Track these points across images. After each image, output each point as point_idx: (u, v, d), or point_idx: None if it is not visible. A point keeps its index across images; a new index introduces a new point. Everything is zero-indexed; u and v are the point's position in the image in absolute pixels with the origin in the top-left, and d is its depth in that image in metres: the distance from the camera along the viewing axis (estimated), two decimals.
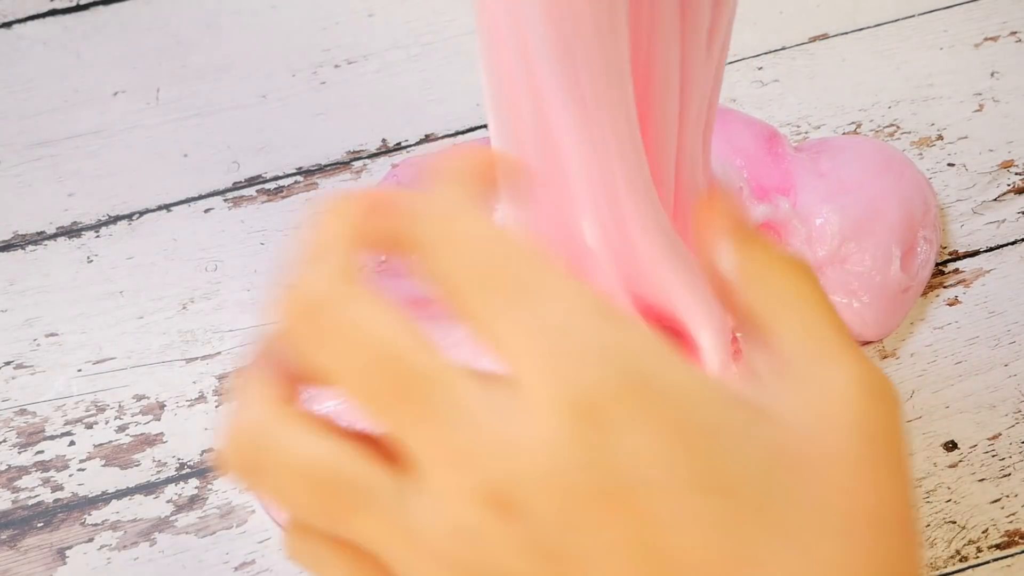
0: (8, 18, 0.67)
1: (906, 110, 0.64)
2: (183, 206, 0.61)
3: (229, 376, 0.57)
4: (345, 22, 0.67)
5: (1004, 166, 0.62)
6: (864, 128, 0.63)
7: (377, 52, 0.66)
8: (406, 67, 0.65)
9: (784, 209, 0.56)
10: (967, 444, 0.55)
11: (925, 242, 0.58)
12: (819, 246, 0.56)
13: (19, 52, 0.66)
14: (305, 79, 0.65)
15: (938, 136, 0.63)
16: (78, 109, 0.64)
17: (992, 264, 0.60)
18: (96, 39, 0.66)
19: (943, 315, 0.58)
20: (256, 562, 0.53)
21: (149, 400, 0.57)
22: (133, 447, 0.56)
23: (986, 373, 0.57)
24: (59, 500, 0.55)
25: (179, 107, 0.64)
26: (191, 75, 0.65)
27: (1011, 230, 0.60)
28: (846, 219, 0.57)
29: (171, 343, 0.58)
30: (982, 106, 0.64)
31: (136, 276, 0.60)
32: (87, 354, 0.58)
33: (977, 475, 0.54)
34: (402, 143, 0.63)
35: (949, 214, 0.61)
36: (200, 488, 0.55)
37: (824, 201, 0.57)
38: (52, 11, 0.67)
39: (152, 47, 0.66)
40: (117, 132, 0.63)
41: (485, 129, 0.63)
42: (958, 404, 0.56)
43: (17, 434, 0.56)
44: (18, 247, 0.60)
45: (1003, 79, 0.64)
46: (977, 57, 0.65)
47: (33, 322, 0.58)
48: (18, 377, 0.57)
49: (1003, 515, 0.54)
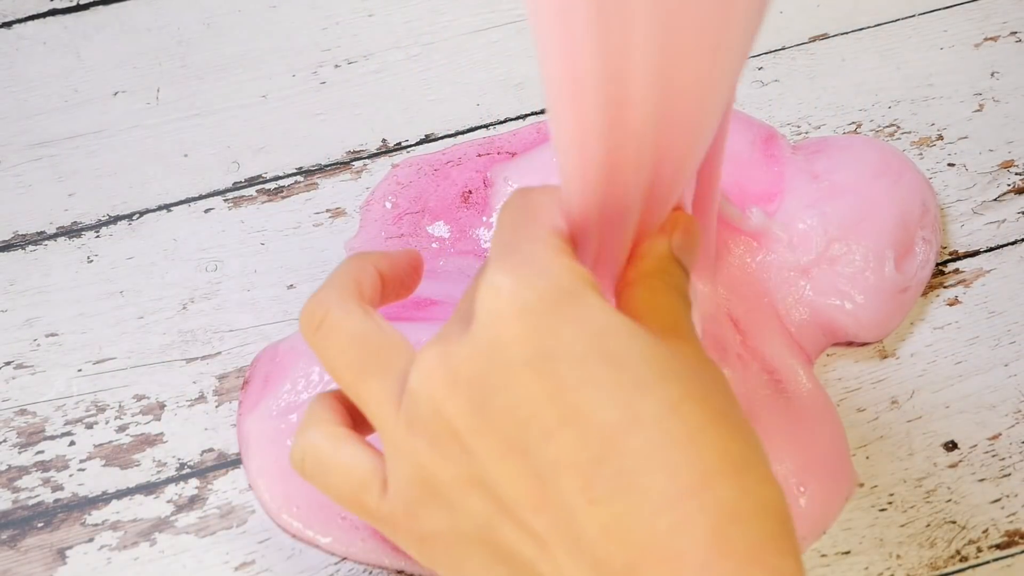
0: (8, 18, 0.67)
1: (906, 110, 0.64)
2: (183, 206, 0.61)
3: (229, 376, 0.57)
4: (345, 22, 0.67)
5: (1004, 166, 0.62)
6: (864, 128, 0.63)
7: (377, 52, 0.66)
8: (406, 67, 0.65)
9: (758, 220, 0.56)
10: (967, 444, 0.55)
11: (924, 242, 0.58)
12: (803, 251, 0.56)
13: (19, 52, 0.66)
14: (305, 79, 0.65)
15: (938, 136, 0.63)
16: (78, 109, 0.64)
17: (992, 264, 0.60)
18: (96, 39, 0.66)
19: (943, 315, 0.58)
20: (256, 562, 0.53)
21: (149, 400, 0.57)
22: (133, 447, 0.56)
23: (986, 373, 0.57)
24: (59, 500, 0.55)
25: (179, 107, 0.64)
26: (191, 75, 0.65)
27: (1011, 230, 0.60)
28: (832, 222, 0.57)
29: (171, 343, 0.58)
30: (982, 106, 0.64)
31: (136, 276, 0.60)
32: (87, 354, 0.58)
33: (977, 475, 0.54)
34: (402, 143, 0.63)
35: (949, 214, 0.61)
36: (200, 488, 0.55)
37: (810, 206, 0.57)
38: (52, 11, 0.67)
39: (152, 47, 0.66)
40: (117, 132, 0.63)
41: (485, 129, 0.63)
42: (958, 404, 0.56)
43: (17, 434, 0.56)
44: (18, 247, 0.60)
45: (1003, 79, 0.64)
46: (977, 57, 0.65)
47: (33, 322, 0.58)
48: (18, 377, 0.57)
49: (1003, 515, 0.54)
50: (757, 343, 0.55)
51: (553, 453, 0.37)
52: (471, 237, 0.59)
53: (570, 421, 0.37)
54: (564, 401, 0.37)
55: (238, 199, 0.61)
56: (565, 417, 0.37)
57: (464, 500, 0.39)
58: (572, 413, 0.37)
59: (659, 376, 0.37)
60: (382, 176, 0.62)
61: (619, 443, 0.36)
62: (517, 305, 0.38)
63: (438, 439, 0.39)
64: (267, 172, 0.62)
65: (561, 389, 0.37)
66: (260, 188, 0.62)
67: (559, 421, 0.37)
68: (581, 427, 0.36)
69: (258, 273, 0.60)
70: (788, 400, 0.55)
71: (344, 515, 0.53)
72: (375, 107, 0.64)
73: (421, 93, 0.65)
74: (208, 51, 0.66)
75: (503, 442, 0.37)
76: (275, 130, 0.63)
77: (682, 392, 0.37)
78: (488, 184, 0.61)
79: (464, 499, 0.39)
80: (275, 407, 0.54)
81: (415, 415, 0.39)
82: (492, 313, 0.38)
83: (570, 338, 0.37)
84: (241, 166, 0.62)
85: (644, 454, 0.36)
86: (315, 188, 0.62)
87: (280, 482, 0.53)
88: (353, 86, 0.65)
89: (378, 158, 0.63)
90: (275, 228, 0.61)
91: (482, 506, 0.38)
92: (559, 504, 0.37)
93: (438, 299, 0.56)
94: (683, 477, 0.36)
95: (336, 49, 0.66)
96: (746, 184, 0.58)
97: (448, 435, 0.39)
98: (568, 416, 0.37)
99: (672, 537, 0.35)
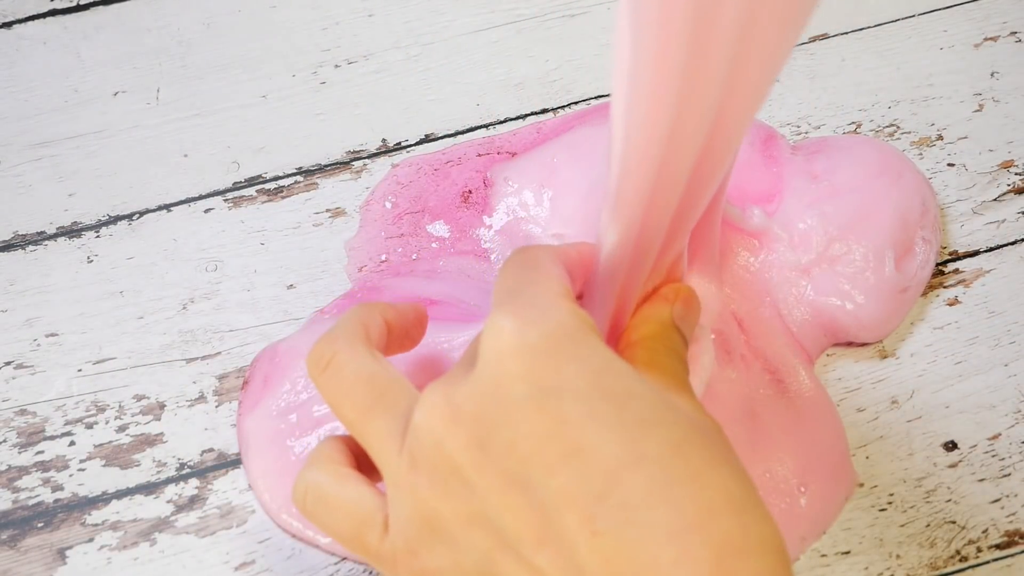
0: (8, 18, 0.67)
1: (906, 110, 0.64)
2: (183, 206, 0.61)
3: (229, 376, 0.57)
4: (345, 22, 0.67)
5: (1004, 166, 0.62)
6: (864, 128, 0.63)
7: (377, 52, 0.66)
8: (406, 67, 0.65)
9: (759, 220, 0.56)
10: (967, 444, 0.55)
11: (924, 242, 0.58)
12: (802, 251, 0.56)
13: (19, 52, 0.66)
14: (305, 79, 0.65)
15: (938, 136, 0.63)
16: (78, 109, 0.64)
17: (992, 264, 0.60)
18: (96, 39, 0.66)
19: (943, 315, 0.58)
20: (256, 562, 0.53)
21: (149, 400, 0.57)
22: (133, 447, 0.56)
23: (986, 373, 0.57)
24: (59, 500, 0.55)
25: (179, 107, 0.64)
26: (191, 75, 0.65)
27: (1011, 230, 0.60)
28: (832, 222, 0.57)
29: (171, 343, 0.58)
30: (982, 106, 0.64)
31: (136, 276, 0.60)
32: (87, 354, 0.58)
33: (977, 475, 0.54)
34: (402, 143, 0.63)
35: (949, 214, 0.61)
36: (200, 488, 0.55)
37: (810, 206, 0.57)
38: (52, 11, 0.67)
39: (152, 47, 0.66)
40: (117, 132, 0.63)
41: (485, 129, 0.63)
42: (958, 404, 0.56)
43: (17, 434, 0.56)
44: (18, 247, 0.60)
45: (1003, 79, 0.64)
46: (977, 57, 0.65)
47: (33, 322, 0.58)
48: (18, 377, 0.57)
49: (1003, 515, 0.54)
50: (760, 342, 0.55)
51: (555, 487, 0.37)
52: (471, 237, 0.59)
53: (572, 456, 0.37)
54: (566, 436, 0.37)
55: (238, 199, 0.61)
56: (567, 452, 0.37)
57: (466, 536, 0.39)
58: (574, 448, 0.37)
59: (661, 417, 0.38)
60: (382, 176, 0.62)
61: (622, 478, 0.36)
62: (520, 343, 0.38)
63: (440, 474, 0.39)
64: (267, 172, 0.62)
65: (563, 425, 0.37)
66: (260, 188, 0.62)
67: (561, 456, 0.37)
68: (583, 462, 0.37)
69: (258, 273, 0.60)
70: (789, 400, 0.55)
71: None
72: (375, 107, 0.64)
73: (421, 93, 0.65)
74: (208, 51, 0.66)
75: (505, 477, 0.38)
76: (275, 130, 0.63)
77: (683, 434, 0.38)
78: (488, 184, 0.61)
79: (466, 535, 0.39)
80: (275, 407, 0.54)
81: (417, 451, 0.40)
82: (495, 352, 0.38)
83: (572, 375, 0.38)
84: (241, 166, 0.62)
85: (647, 489, 0.36)
86: (315, 188, 0.62)
87: (280, 482, 0.53)
88: (353, 86, 0.65)
89: (378, 158, 0.63)
90: (275, 228, 0.61)
91: (483, 542, 0.38)
92: (561, 538, 0.37)
93: (438, 299, 0.57)
94: (686, 512, 0.36)
95: (336, 49, 0.66)
96: (746, 184, 0.58)
97: (450, 470, 0.39)
98: (570, 451, 0.37)
99: (675, 569, 0.35)
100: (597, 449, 0.37)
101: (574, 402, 0.37)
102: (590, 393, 0.38)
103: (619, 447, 0.37)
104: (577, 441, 0.37)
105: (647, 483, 0.36)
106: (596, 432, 0.37)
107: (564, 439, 0.37)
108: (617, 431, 0.37)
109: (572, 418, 0.37)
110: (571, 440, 0.37)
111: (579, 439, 0.37)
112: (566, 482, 0.37)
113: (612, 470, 0.36)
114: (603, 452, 0.37)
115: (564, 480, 0.37)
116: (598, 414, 0.37)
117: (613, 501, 0.36)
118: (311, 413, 0.54)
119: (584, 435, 0.37)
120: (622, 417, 0.37)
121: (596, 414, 0.37)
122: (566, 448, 0.37)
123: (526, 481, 0.37)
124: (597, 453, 0.37)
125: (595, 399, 0.38)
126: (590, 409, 0.37)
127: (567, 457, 0.37)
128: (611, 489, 0.36)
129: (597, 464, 0.36)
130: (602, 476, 0.36)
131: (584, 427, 0.37)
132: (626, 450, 0.37)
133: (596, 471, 0.36)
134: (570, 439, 0.37)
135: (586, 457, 0.37)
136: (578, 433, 0.37)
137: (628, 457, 0.37)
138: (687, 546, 0.36)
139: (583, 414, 0.37)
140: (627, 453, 0.37)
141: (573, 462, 0.37)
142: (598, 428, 0.37)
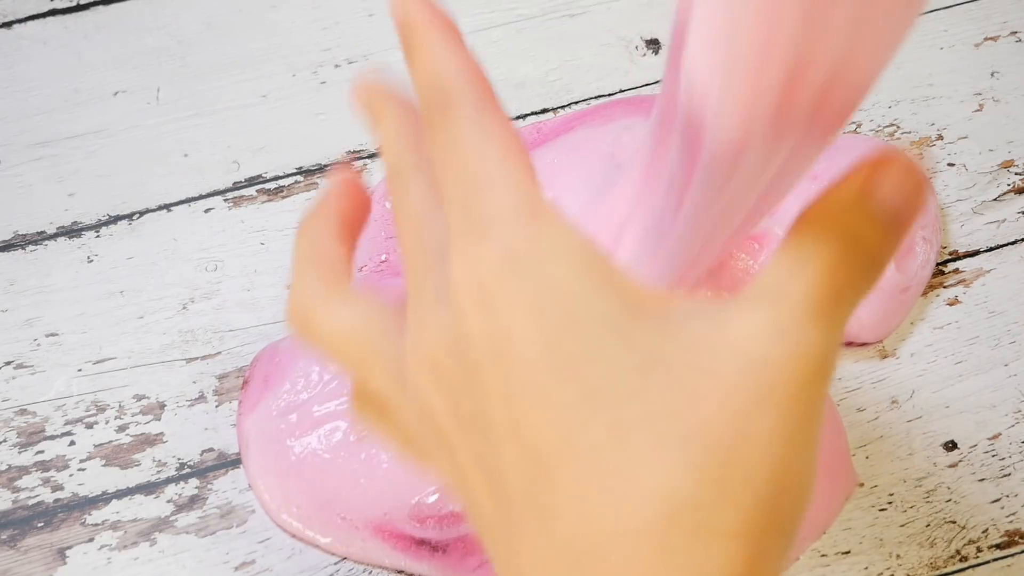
0: (8, 18, 0.67)
1: (906, 110, 0.64)
2: (183, 206, 0.61)
3: (229, 376, 0.57)
4: (345, 22, 0.67)
5: (1004, 166, 0.62)
6: (864, 128, 0.63)
7: (377, 52, 0.66)
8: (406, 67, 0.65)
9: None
10: (967, 444, 0.55)
11: (924, 242, 0.58)
12: None
13: (19, 52, 0.66)
14: (305, 79, 0.65)
15: (938, 136, 0.63)
16: (78, 109, 0.64)
17: (992, 264, 0.60)
18: (96, 39, 0.66)
19: (943, 315, 0.58)
20: (256, 562, 0.53)
21: (149, 400, 0.57)
22: (133, 447, 0.56)
23: (986, 373, 0.57)
24: (59, 500, 0.55)
25: (179, 107, 0.64)
26: (191, 75, 0.65)
27: (1011, 230, 0.60)
28: None
29: (171, 343, 0.58)
30: (982, 106, 0.64)
31: (136, 276, 0.60)
32: (87, 354, 0.58)
33: (977, 475, 0.54)
34: None
35: (949, 214, 0.61)
36: (200, 488, 0.55)
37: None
38: (52, 11, 0.67)
39: (152, 47, 0.66)
40: (117, 132, 0.63)
41: None
42: (958, 404, 0.56)
43: (17, 434, 0.56)
44: (18, 247, 0.60)
45: (1003, 79, 0.64)
46: (977, 57, 0.65)
47: (33, 322, 0.58)
48: (18, 377, 0.57)
49: (1003, 515, 0.54)
50: None
51: (504, 464, 0.30)
52: None
53: (513, 434, 0.30)
54: (512, 408, 0.30)
55: (238, 199, 0.62)
56: (510, 429, 0.30)
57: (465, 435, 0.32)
58: (516, 425, 0.30)
59: (623, 389, 0.28)
60: (382, 176, 0.62)
61: (552, 470, 0.29)
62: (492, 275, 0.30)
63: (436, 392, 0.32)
64: (267, 172, 0.62)
65: (510, 395, 0.30)
66: (260, 188, 0.62)
67: (507, 432, 0.30)
68: (521, 444, 0.30)
69: (258, 273, 0.60)
70: None
71: (344, 515, 0.53)
72: None
73: None
74: (208, 51, 0.66)
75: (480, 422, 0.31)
76: (275, 130, 0.63)
77: (641, 412, 0.28)
78: None
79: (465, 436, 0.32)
80: (275, 407, 0.54)
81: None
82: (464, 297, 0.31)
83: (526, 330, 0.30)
84: (241, 166, 0.62)
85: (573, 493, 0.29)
86: (315, 188, 0.62)
87: (280, 482, 0.53)
88: None
89: (378, 158, 0.63)
90: (275, 228, 0.61)
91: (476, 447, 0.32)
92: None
93: None
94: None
95: (336, 49, 0.66)
96: None
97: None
98: (512, 429, 0.30)
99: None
100: (532, 431, 0.30)
101: (523, 369, 0.30)
102: (538, 359, 0.29)
103: (552, 431, 0.29)
104: (519, 417, 0.30)
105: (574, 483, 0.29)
106: (535, 410, 0.30)
107: (510, 411, 0.30)
108: (556, 411, 0.29)
109: (517, 389, 0.30)
110: (515, 414, 0.30)
111: (520, 415, 0.30)
112: (510, 462, 0.30)
113: (544, 457, 0.29)
114: (537, 435, 0.30)
115: (508, 459, 0.30)
116: (541, 387, 0.29)
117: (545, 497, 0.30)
118: (311, 413, 0.54)
119: (525, 411, 0.30)
120: (564, 393, 0.29)
121: (538, 387, 0.29)
122: (511, 422, 0.30)
123: (483, 448, 0.31)
124: (531, 435, 0.30)
125: (543, 369, 0.29)
126: (534, 380, 0.30)
127: (510, 434, 0.30)
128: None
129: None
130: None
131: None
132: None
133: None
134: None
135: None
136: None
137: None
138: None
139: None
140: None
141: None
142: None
